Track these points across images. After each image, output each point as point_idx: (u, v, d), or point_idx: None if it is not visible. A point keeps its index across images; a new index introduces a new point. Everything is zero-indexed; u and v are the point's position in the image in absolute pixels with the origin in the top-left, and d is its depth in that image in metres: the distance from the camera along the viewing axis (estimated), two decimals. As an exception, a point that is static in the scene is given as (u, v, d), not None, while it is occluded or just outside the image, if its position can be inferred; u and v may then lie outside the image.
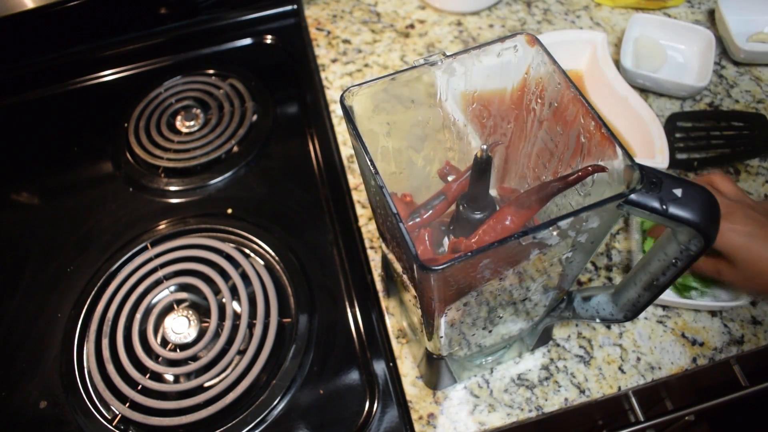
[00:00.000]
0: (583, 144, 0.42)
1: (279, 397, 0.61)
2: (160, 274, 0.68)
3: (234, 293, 0.67)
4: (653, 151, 0.69)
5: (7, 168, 0.84)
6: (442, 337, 0.46)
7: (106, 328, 0.65)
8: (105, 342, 0.64)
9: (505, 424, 0.58)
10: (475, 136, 0.51)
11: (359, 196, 0.74)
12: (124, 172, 0.80)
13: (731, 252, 0.52)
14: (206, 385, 0.62)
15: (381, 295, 0.66)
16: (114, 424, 0.60)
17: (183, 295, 0.67)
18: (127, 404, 0.61)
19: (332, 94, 0.84)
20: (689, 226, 0.36)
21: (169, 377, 0.64)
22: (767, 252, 0.50)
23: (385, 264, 0.62)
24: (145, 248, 0.72)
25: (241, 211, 0.75)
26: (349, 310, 0.66)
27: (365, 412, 0.60)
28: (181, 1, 0.91)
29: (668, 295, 0.62)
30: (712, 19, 0.89)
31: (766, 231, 0.50)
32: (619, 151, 0.37)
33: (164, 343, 0.65)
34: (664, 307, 0.64)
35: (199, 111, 0.85)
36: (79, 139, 0.85)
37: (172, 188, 0.78)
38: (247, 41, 0.93)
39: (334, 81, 0.85)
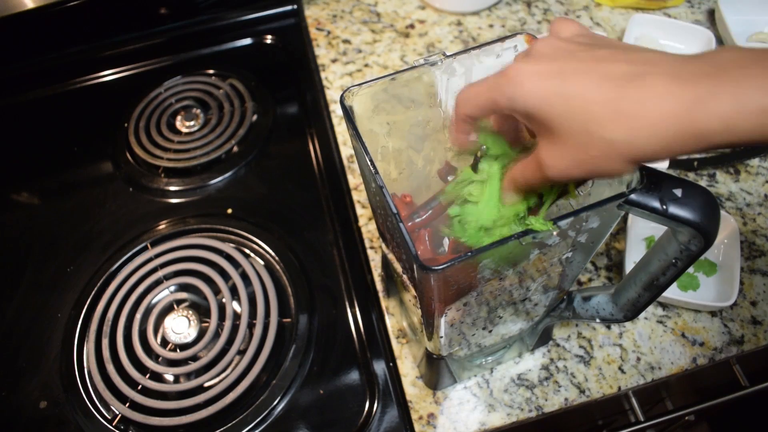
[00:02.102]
0: (583, 144, 0.42)
1: (279, 397, 0.61)
2: (160, 274, 0.68)
3: (234, 293, 0.67)
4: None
5: (7, 168, 0.84)
6: (442, 337, 0.46)
7: (106, 328, 0.65)
8: (105, 342, 0.64)
9: (505, 424, 0.58)
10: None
11: (359, 196, 0.74)
12: (124, 172, 0.80)
13: (541, 111, 0.31)
14: (206, 385, 0.62)
15: (381, 295, 0.66)
16: (114, 424, 0.60)
17: (183, 295, 0.67)
18: (127, 404, 0.61)
19: (332, 94, 0.84)
20: (689, 226, 0.36)
21: (169, 377, 0.64)
22: (589, 87, 0.29)
23: (385, 264, 0.62)
24: (145, 248, 0.72)
25: (241, 211, 0.75)
26: (349, 310, 0.66)
27: (365, 412, 0.60)
28: (181, 1, 0.91)
29: (670, 291, 0.61)
30: (712, 19, 0.89)
31: (578, 60, 0.31)
32: (619, 151, 0.37)
33: (164, 343, 0.65)
34: (664, 307, 0.64)
35: (199, 111, 0.85)
36: (79, 139, 0.85)
37: (172, 188, 0.78)
38: (247, 41, 0.93)
39: (334, 81, 0.85)
